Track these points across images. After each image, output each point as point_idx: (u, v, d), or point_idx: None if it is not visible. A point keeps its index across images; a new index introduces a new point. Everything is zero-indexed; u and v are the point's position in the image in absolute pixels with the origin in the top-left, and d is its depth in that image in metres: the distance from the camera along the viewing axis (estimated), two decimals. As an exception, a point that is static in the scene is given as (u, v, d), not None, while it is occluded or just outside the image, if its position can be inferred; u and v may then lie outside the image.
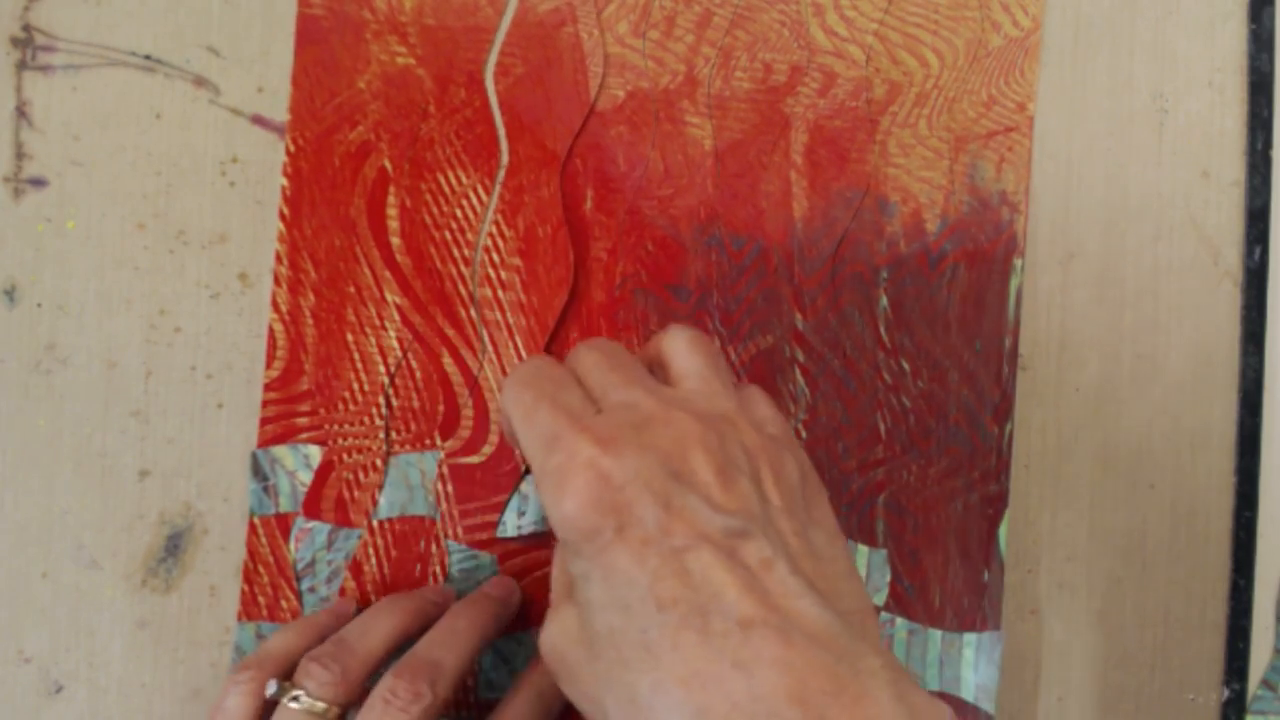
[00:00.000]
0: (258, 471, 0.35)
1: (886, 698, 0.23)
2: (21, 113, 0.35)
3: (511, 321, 0.35)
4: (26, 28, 0.35)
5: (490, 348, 0.35)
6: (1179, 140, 0.38)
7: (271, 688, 0.30)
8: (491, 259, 0.35)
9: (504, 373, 0.35)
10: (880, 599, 0.36)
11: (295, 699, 0.29)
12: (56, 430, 0.35)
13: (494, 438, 0.35)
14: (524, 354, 0.34)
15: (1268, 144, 0.38)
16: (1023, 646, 0.37)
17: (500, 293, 0.35)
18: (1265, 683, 0.38)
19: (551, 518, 0.26)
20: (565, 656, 0.27)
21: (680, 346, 0.29)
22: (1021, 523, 0.37)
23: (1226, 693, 0.37)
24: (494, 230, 0.35)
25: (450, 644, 0.31)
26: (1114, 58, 0.38)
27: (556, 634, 0.27)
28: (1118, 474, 0.37)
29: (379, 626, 0.31)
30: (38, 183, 0.35)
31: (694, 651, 0.23)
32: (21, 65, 0.35)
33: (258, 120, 0.36)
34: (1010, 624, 0.37)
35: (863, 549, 0.36)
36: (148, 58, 0.36)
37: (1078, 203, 0.38)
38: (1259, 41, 0.38)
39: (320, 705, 0.29)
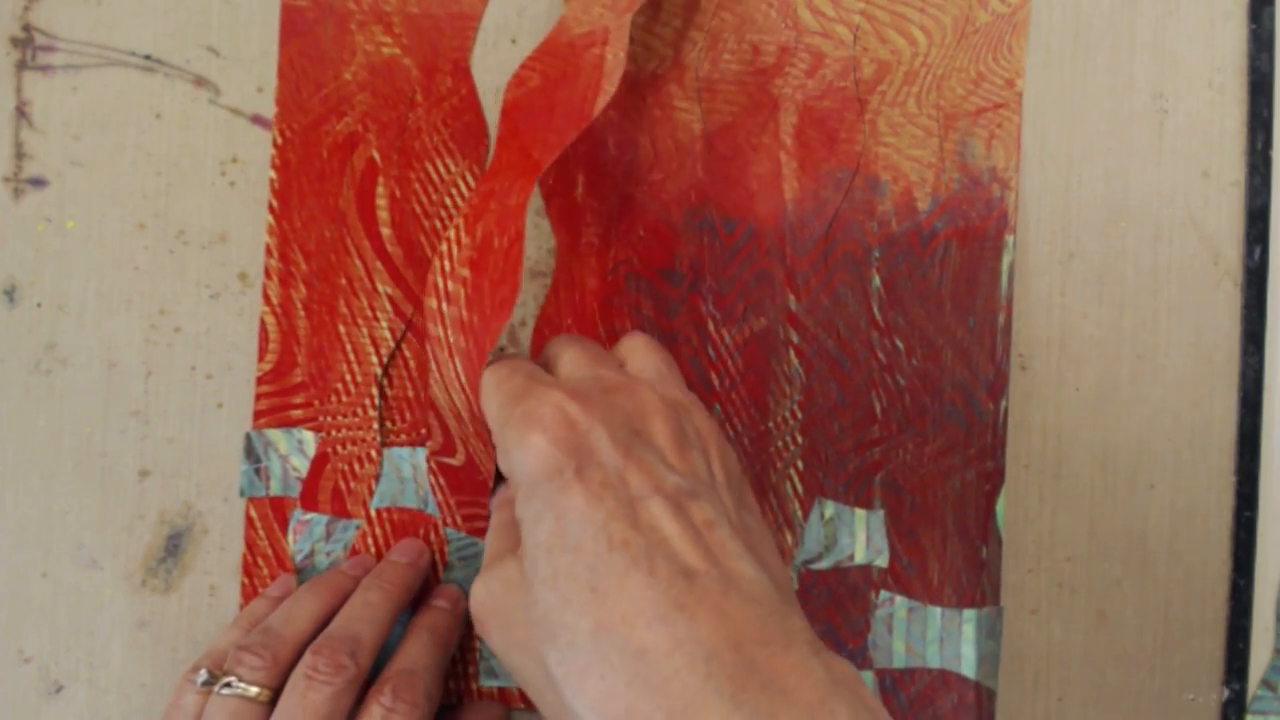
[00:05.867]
0: (250, 453, 0.35)
1: (807, 651, 0.24)
2: (21, 113, 0.35)
3: (452, 340, 0.32)
4: (26, 28, 0.35)
5: (435, 367, 0.33)
6: (1179, 140, 0.38)
7: (202, 676, 0.31)
8: (443, 266, 0.32)
9: (447, 389, 0.33)
10: (883, 560, 0.36)
11: (227, 685, 0.30)
12: (56, 430, 0.35)
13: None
14: (462, 378, 0.31)
15: (1268, 144, 0.38)
16: (1023, 646, 0.37)
17: (444, 305, 0.32)
18: (1265, 683, 0.38)
19: (512, 460, 0.27)
20: (500, 610, 0.27)
21: (637, 345, 0.31)
22: (1021, 523, 0.37)
23: (1226, 693, 0.37)
24: (451, 236, 0.32)
25: (365, 616, 0.32)
26: (1114, 58, 0.38)
27: (493, 587, 0.27)
28: (1118, 474, 0.37)
29: (302, 610, 0.33)
30: (38, 183, 0.35)
31: (640, 592, 0.24)
32: (21, 65, 0.35)
33: (258, 120, 0.36)
34: (1010, 624, 0.37)
35: (860, 512, 0.36)
36: (148, 58, 0.36)
37: (1078, 203, 0.38)
38: (1259, 41, 0.38)
39: (253, 690, 0.30)
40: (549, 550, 0.25)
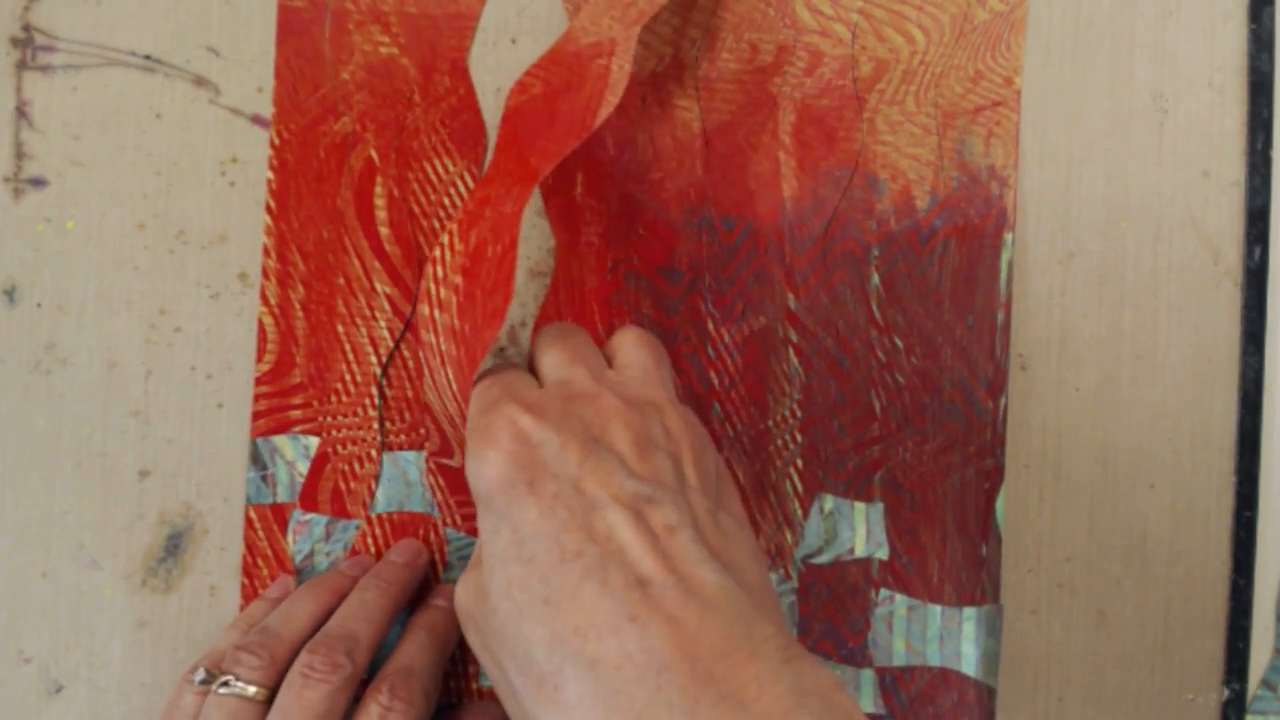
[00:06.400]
0: (256, 460, 0.35)
1: (777, 660, 0.23)
2: (21, 113, 0.35)
3: (444, 348, 0.32)
4: (26, 28, 0.35)
5: (427, 373, 0.33)
6: (1179, 140, 0.38)
7: (200, 675, 0.31)
8: (436, 272, 0.32)
9: (439, 395, 0.33)
10: (883, 553, 0.36)
11: (225, 684, 0.30)
12: (56, 430, 0.35)
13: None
14: (454, 385, 0.31)
15: (1268, 144, 0.38)
16: (1023, 646, 0.37)
17: (437, 313, 0.31)
18: (1265, 683, 0.38)
19: (470, 472, 0.27)
20: (471, 613, 0.28)
21: (627, 340, 0.32)
22: (1021, 522, 0.37)
23: (1226, 693, 0.37)
24: (445, 242, 0.32)
25: (362, 615, 0.32)
26: (1114, 58, 0.38)
27: (469, 589, 0.28)
28: (1118, 474, 0.37)
29: (300, 610, 0.33)
30: (38, 183, 0.35)
31: (592, 603, 0.24)
32: (21, 65, 0.35)
33: (258, 120, 0.36)
34: (1010, 624, 0.37)
35: (859, 505, 0.36)
36: (148, 58, 0.36)
37: (1078, 203, 0.38)
38: (1259, 41, 0.38)
39: (251, 689, 0.30)
40: (504, 561, 0.26)
